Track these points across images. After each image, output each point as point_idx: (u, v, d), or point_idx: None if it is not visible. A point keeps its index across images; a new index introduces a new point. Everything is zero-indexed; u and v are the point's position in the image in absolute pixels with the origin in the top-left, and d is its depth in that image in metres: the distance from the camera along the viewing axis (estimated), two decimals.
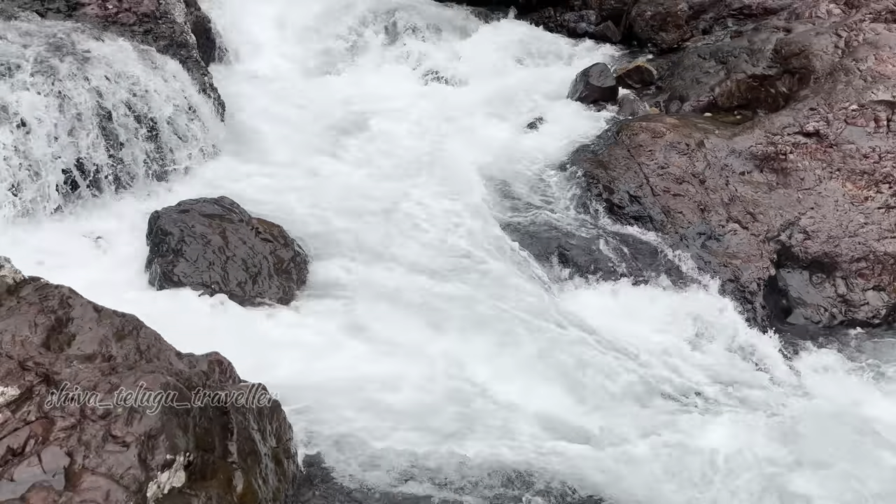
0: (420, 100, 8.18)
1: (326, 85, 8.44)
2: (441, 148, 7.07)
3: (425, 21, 9.64)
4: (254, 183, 6.28)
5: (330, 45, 9.22)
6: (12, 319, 2.86)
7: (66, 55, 6.00)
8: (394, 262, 5.45)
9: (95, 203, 5.67)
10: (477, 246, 5.70)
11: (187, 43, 7.60)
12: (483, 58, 9.12)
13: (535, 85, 8.67)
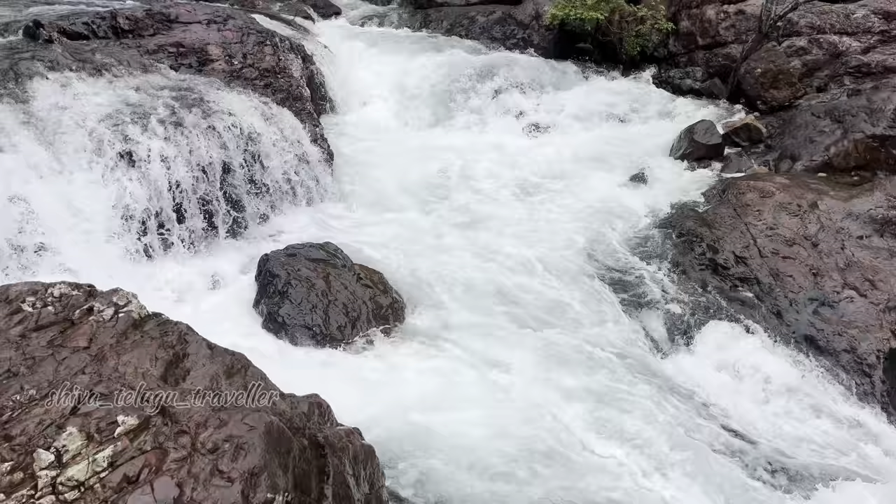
0: (523, 152, 8.28)
1: (431, 137, 8.70)
2: (542, 200, 7.09)
3: (529, 76, 9.82)
4: (358, 230, 6.50)
5: (435, 99, 9.51)
6: (136, 352, 3.06)
7: (194, 106, 6.48)
8: (489, 312, 5.47)
9: (211, 244, 6.02)
10: (575, 299, 5.64)
11: (302, 96, 8.06)
12: (585, 112, 9.16)
13: (637, 140, 8.61)
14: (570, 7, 10.10)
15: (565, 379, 4.78)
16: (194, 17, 7.89)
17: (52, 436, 2.49)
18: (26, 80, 5.75)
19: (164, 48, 7.37)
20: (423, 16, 12.58)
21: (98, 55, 6.70)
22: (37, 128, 5.39)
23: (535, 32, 11.04)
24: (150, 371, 2.98)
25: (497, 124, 9.15)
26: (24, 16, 7.86)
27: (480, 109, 9.30)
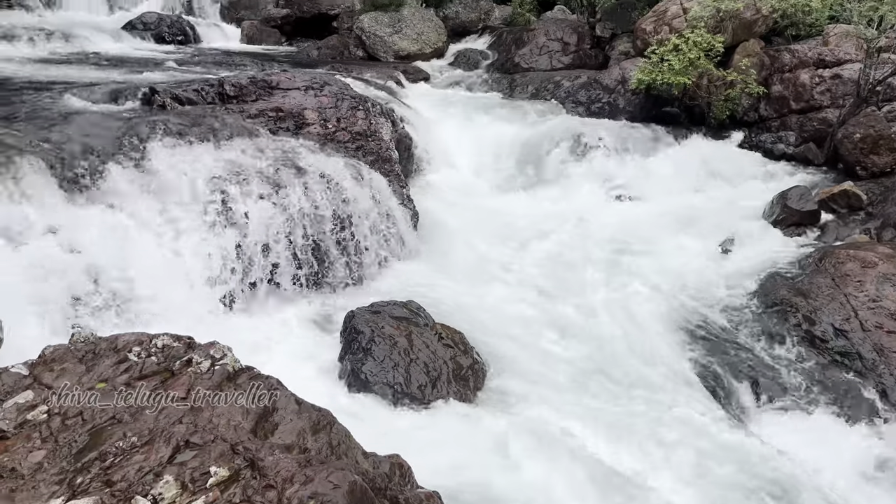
0: (607, 216, 8.23)
1: (515, 200, 8.80)
2: (627, 265, 6.99)
3: (612, 139, 9.84)
4: (440, 289, 6.57)
5: (520, 162, 9.65)
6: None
7: (289, 168, 6.82)
8: (571, 378, 5.37)
9: (299, 298, 6.22)
10: (662, 367, 5.47)
11: (391, 158, 8.34)
12: (671, 176, 9.07)
13: (726, 205, 8.42)
14: (656, 72, 10.12)
15: (650, 450, 4.61)
16: (293, 84, 8.35)
17: (149, 483, 2.60)
18: (141, 143, 6.21)
19: (264, 113, 7.82)
20: (508, 81, 12.88)
21: (205, 120, 7.18)
22: (147, 187, 5.79)
23: (621, 97, 11.09)
24: (241, 424, 3.08)
25: (582, 187, 9.16)
26: (142, 82, 8.55)
27: (565, 173, 9.35)
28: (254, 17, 17.40)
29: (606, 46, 13.97)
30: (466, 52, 15.50)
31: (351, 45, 15.85)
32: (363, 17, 15.81)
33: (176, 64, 11.67)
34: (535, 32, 14.42)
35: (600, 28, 14.08)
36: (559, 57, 13.81)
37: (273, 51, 15.89)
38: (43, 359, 3.25)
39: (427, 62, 15.35)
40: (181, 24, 15.71)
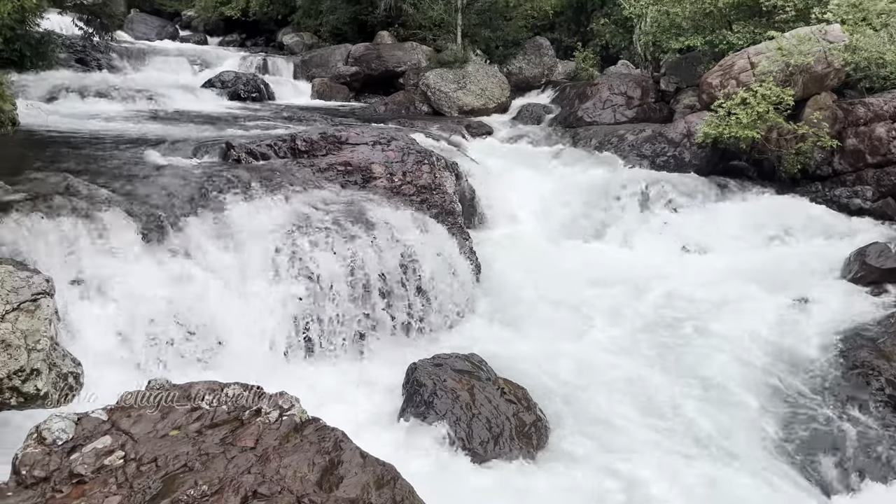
0: (674, 270, 8.07)
1: (577, 252, 8.74)
2: (697, 322, 6.79)
3: (679, 192, 9.71)
4: (502, 343, 6.53)
5: (581, 214, 9.61)
6: (296, 456, 3.22)
7: (357, 220, 6.99)
8: (638, 439, 5.20)
9: (364, 349, 6.28)
10: (737, 430, 5.25)
11: (454, 211, 8.45)
12: (742, 231, 8.85)
13: (799, 261, 8.14)
14: (723, 126, 10.00)
15: None
16: (362, 139, 8.62)
17: None
18: (217, 196, 6.50)
19: (333, 167, 8.08)
20: (572, 134, 12.95)
21: (278, 173, 7.47)
22: (221, 238, 6.03)
23: (687, 150, 10.98)
24: (307, 476, 3.10)
25: (648, 241, 9.03)
26: (219, 138, 8.99)
27: (630, 225, 9.25)
28: (324, 74, 18.13)
29: (671, 100, 13.93)
30: (530, 107, 15.69)
31: (416, 100, 16.28)
32: (429, 73, 16.25)
33: (251, 120, 12.23)
34: (598, 87, 14.51)
35: (665, 82, 14.07)
36: (623, 111, 13.83)
37: (342, 106, 16.46)
38: (121, 404, 3.37)
39: (490, 116, 15.62)
40: (256, 82, 16.50)
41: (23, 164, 6.33)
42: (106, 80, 14.38)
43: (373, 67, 18.12)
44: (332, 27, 21.51)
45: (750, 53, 11.20)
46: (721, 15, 12.84)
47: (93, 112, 11.54)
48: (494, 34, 17.73)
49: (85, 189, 5.90)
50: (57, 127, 9.53)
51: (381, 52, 18.32)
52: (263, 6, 24.52)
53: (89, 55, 16.39)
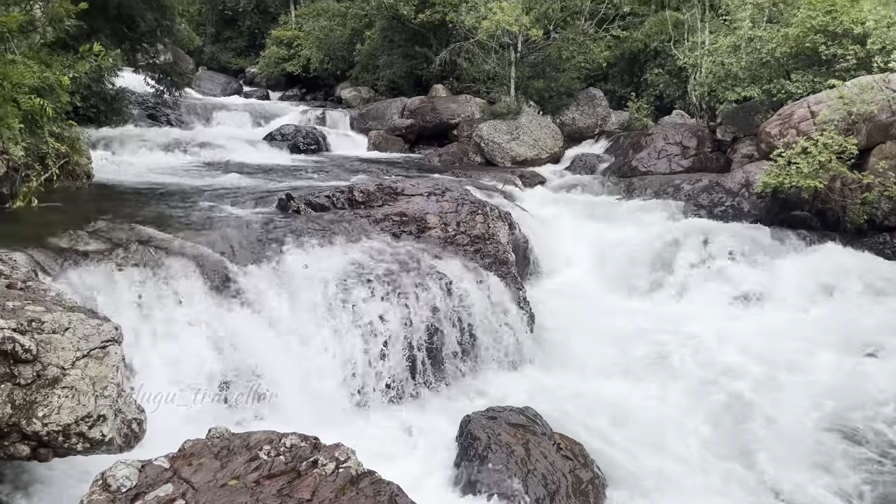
0: (733, 324, 7.82)
1: (633, 304, 8.59)
2: (758, 379, 6.55)
3: (739, 244, 9.48)
4: (557, 396, 6.41)
5: (637, 265, 9.47)
6: None
7: (411, 270, 7.06)
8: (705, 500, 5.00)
9: (418, 400, 6.27)
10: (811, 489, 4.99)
11: (507, 261, 8.44)
12: (804, 284, 8.56)
13: (869, 315, 7.81)
14: (783, 175, 9.80)
15: None
16: (417, 190, 8.76)
17: None
18: (278, 247, 6.67)
19: (389, 217, 8.21)
20: (626, 184, 12.88)
21: (335, 224, 7.63)
22: (282, 287, 6.16)
23: (745, 200, 10.78)
24: None
25: (704, 293, 8.82)
26: (279, 189, 9.27)
27: (688, 277, 9.06)
28: (380, 127, 18.62)
29: (728, 150, 13.76)
30: (583, 157, 15.73)
31: (470, 151, 16.51)
32: (482, 125, 16.50)
33: (309, 171, 12.59)
34: (652, 136, 14.47)
35: (721, 131, 13.93)
36: (678, 160, 13.73)
37: (397, 158, 16.82)
38: (182, 452, 3.44)
39: (543, 167, 15.70)
40: (315, 135, 17.04)
41: (97, 216, 6.64)
42: (174, 134, 15.09)
43: (427, 120, 18.51)
44: (388, 81, 22.16)
45: (810, 102, 11.03)
46: (779, 65, 12.73)
47: (161, 164, 12.09)
48: (547, 86, 17.96)
49: (154, 239, 6.14)
50: (128, 179, 10.01)
51: (435, 104, 18.74)
52: (323, 63, 25.47)
53: (159, 111, 17.27)
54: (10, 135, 6.78)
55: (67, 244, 5.53)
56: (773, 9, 14.36)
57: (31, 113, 7.50)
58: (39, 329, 3.46)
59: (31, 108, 7.39)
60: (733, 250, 9.35)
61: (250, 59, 31.47)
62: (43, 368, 3.41)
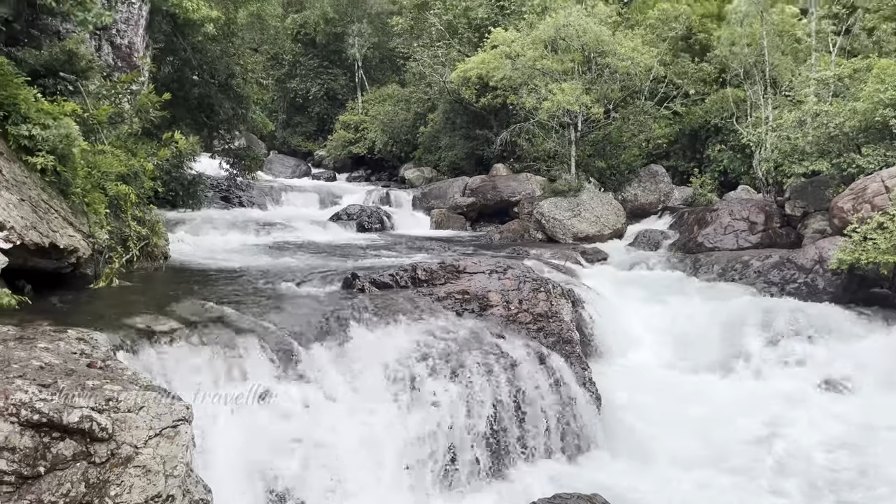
0: (812, 411, 7.38)
1: (704, 386, 8.25)
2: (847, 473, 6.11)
3: (816, 324, 9.08)
4: (627, 483, 6.14)
5: (707, 344, 9.15)
6: None
7: (474, 349, 7.02)
8: None
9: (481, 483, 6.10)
10: None
11: (571, 339, 8.30)
12: (889, 366, 8.07)
13: None
14: (860, 251, 9.45)
15: None
16: (478, 268, 8.80)
17: None
18: (342, 325, 6.77)
19: (451, 295, 8.25)
20: (692, 260, 12.63)
21: (398, 302, 7.72)
22: (345, 366, 6.22)
23: (820, 277, 10.40)
24: None
25: (779, 375, 8.42)
26: (344, 268, 9.47)
27: (760, 358, 8.69)
28: (442, 205, 18.98)
29: (798, 225, 13.38)
30: (647, 233, 15.57)
31: (531, 228, 16.59)
32: (543, 202, 16.61)
33: (374, 250, 12.86)
34: (718, 212, 14.24)
35: (790, 206, 13.60)
36: (746, 236, 13.42)
37: (459, 235, 17.03)
38: None
39: (606, 243, 15.59)
40: (379, 214, 17.49)
41: (171, 295, 6.92)
42: (246, 215, 15.75)
43: (488, 198, 18.78)
44: (450, 162, 22.71)
45: (884, 177, 10.71)
46: (848, 139, 12.47)
47: (233, 244, 12.57)
48: (608, 163, 18.05)
49: (224, 317, 6.33)
50: (202, 259, 10.44)
51: (496, 183, 19.03)
52: (388, 145, 26.38)
53: (232, 193, 18.10)
54: (97, 219, 7.21)
55: (144, 323, 5.76)
56: (838, 83, 14.21)
57: (116, 198, 7.99)
58: (116, 408, 3.58)
59: (117, 194, 7.87)
60: (810, 330, 8.95)
61: (319, 143, 32.88)
62: (117, 447, 3.50)
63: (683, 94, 19.46)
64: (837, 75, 14.17)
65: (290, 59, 32.90)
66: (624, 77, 17.01)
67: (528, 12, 19.27)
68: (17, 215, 5.77)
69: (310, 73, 33.05)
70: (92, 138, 8.47)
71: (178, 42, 14.08)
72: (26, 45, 8.93)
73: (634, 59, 16.51)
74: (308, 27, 32.51)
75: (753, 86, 16.55)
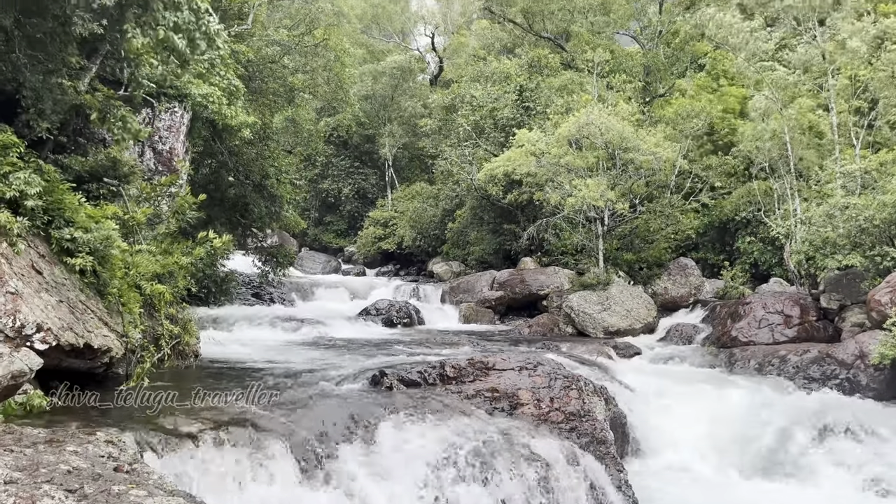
0: None
1: (750, 489, 7.87)
2: None
3: (858, 420, 8.70)
4: None
5: (747, 444, 8.80)
6: None
7: (504, 450, 6.83)
8: None
9: None
10: None
11: (605, 440, 8.05)
12: None
13: None
14: None
15: None
16: (508, 365, 8.70)
17: None
18: (369, 425, 6.67)
19: (480, 393, 8.13)
20: (727, 355, 12.34)
21: (427, 400, 7.61)
22: (373, 467, 6.08)
23: (862, 372, 10.05)
24: None
25: (828, 475, 8.01)
26: (372, 365, 9.42)
27: (804, 458, 8.31)
28: (470, 299, 18.99)
29: (835, 318, 13.07)
30: (679, 327, 15.32)
31: (560, 322, 16.44)
32: (572, 296, 16.53)
33: (402, 345, 12.81)
34: (751, 305, 14.00)
35: (825, 299, 13.33)
36: (781, 330, 13.11)
37: (488, 330, 16.92)
38: None
39: (637, 337, 15.34)
40: (408, 309, 17.53)
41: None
42: (276, 312, 15.90)
43: (516, 291, 18.77)
44: (478, 256, 22.91)
45: None
46: (880, 231, 12.35)
47: (264, 341, 12.63)
48: (637, 256, 18.02)
49: (250, 418, 6.29)
50: (232, 356, 10.48)
51: (524, 276, 19.07)
52: (416, 240, 26.79)
53: (264, 290, 18.37)
54: (131, 318, 7.35)
55: (172, 424, 5.74)
56: (864, 175, 14.22)
57: (151, 297, 8.16)
58: None
59: (152, 293, 8.05)
60: (854, 429, 8.57)
61: (349, 239, 33.55)
62: None
63: (710, 187, 19.60)
64: (864, 168, 14.20)
65: (323, 160, 34.15)
66: (649, 172, 17.25)
67: (553, 113, 19.86)
68: (54, 316, 5.91)
69: (342, 173, 34.18)
70: (130, 239, 8.77)
71: (216, 146, 14.75)
72: (73, 153, 9.42)
73: (657, 153, 16.78)
74: (341, 129, 33.90)
75: (780, 179, 16.63)
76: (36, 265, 6.24)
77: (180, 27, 8.29)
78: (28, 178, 6.47)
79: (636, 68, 26.91)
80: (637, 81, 22.94)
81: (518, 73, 24.71)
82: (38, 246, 6.52)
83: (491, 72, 25.07)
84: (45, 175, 7.03)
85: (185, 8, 8.20)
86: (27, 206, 6.38)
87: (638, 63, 27.61)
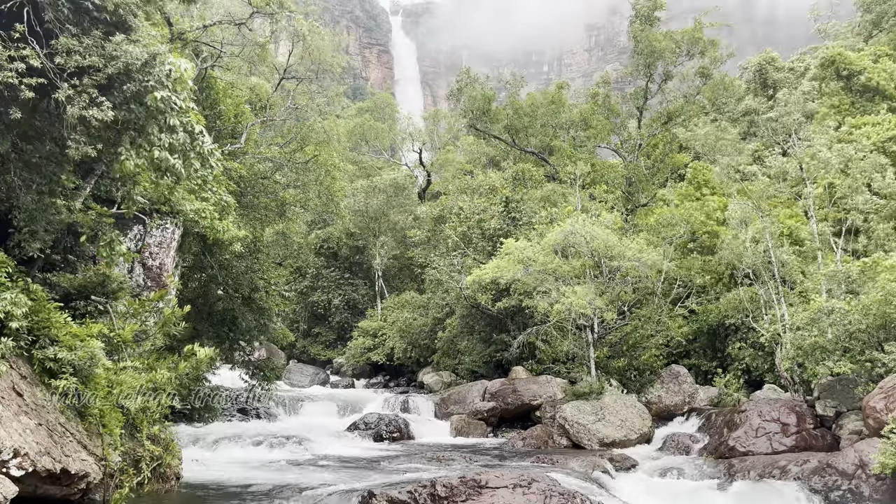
0: None
1: None
2: None
3: None
4: None
5: None
6: None
7: None
8: None
9: None
10: None
11: None
12: None
13: None
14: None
15: None
16: (501, 482, 8.42)
17: None
18: None
19: None
20: (726, 466, 12.02)
21: None
22: None
23: (864, 483, 9.78)
24: None
25: None
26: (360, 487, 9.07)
27: None
28: (462, 411, 18.55)
29: (832, 425, 12.86)
30: (675, 437, 14.99)
31: (554, 433, 16.02)
32: (565, 406, 16.23)
33: (392, 462, 12.39)
34: (747, 413, 13.78)
35: (821, 406, 13.16)
36: (779, 438, 12.86)
37: (480, 443, 16.44)
38: None
39: (634, 448, 14.94)
40: (397, 423, 17.07)
41: None
42: (262, 428, 15.45)
43: (509, 402, 18.40)
44: (468, 366, 22.62)
45: None
46: (867, 336, 12.39)
47: (248, 460, 12.21)
48: (628, 364, 17.87)
49: None
50: (215, 477, 10.09)
51: (516, 386, 18.75)
52: (406, 351, 26.50)
53: (250, 404, 17.92)
54: (111, 440, 7.12)
55: None
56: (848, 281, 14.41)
57: (132, 417, 7.93)
58: None
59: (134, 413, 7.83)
60: None
61: (338, 350, 33.06)
62: None
63: (696, 291, 19.74)
64: (846, 273, 14.42)
65: (313, 271, 34.26)
66: (635, 279, 17.41)
67: (538, 223, 20.25)
68: (32, 441, 5.73)
69: (331, 284, 34.22)
70: (115, 357, 8.61)
71: (206, 260, 14.82)
72: (62, 269, 9.42)
73: (642, 258, 17.00)
74: (331, 241, 34.25)
75: (764, 284, 16.81)
76: (17, 387, 6.11)
77: (175, 148, 8.53)
78: (15, 298, 6.44)
79: (618, 179, 27.77)
80: (619, 191, 23.60)
81: (503, 185, 25.40)
82: (20, 367, 6.41)
83: (477, 184, 25.77)
84: (32, 294, 7.01)
85: (180, 130, 8.46)
86: (12, 327, 6.32)
87: (619, 174, 28.52)
